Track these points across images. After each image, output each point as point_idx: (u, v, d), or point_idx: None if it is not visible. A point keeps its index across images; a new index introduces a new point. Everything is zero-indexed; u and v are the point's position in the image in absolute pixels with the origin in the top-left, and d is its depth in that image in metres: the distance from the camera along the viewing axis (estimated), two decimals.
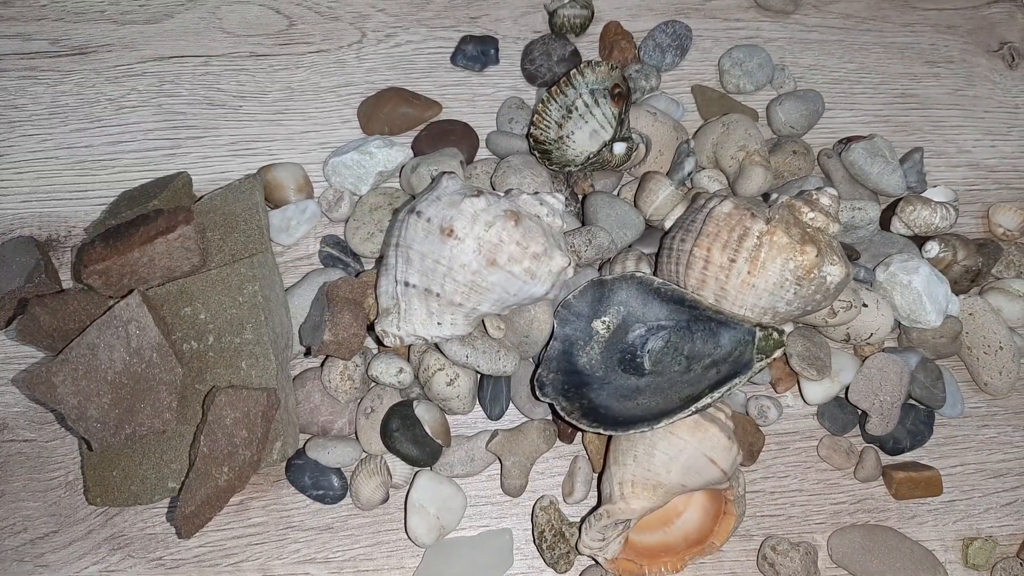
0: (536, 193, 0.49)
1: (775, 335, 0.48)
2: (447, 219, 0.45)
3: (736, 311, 0.48)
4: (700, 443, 0.46)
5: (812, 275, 0.47)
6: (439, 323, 0.47)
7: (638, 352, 0.51)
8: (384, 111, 0.58)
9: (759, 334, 0.48)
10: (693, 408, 0.45)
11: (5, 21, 0.60)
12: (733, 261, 0.47)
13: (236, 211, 0.53)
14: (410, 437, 0.49)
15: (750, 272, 0.47)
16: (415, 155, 0.57)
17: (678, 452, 0.46)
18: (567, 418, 0.47)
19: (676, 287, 0.49)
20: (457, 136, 0.58)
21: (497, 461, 0.52)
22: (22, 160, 0.57)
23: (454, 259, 0.45)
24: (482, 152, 0.59)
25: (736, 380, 0.46)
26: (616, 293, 0.51)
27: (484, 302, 0.47)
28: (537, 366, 0.50)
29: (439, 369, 0.50)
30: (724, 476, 0.47)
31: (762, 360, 0.47)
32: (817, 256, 0.46)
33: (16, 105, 0.58)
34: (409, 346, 0.52)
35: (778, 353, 0.47)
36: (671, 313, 0.50)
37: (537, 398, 0.49)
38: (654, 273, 0.52)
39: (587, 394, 0.49)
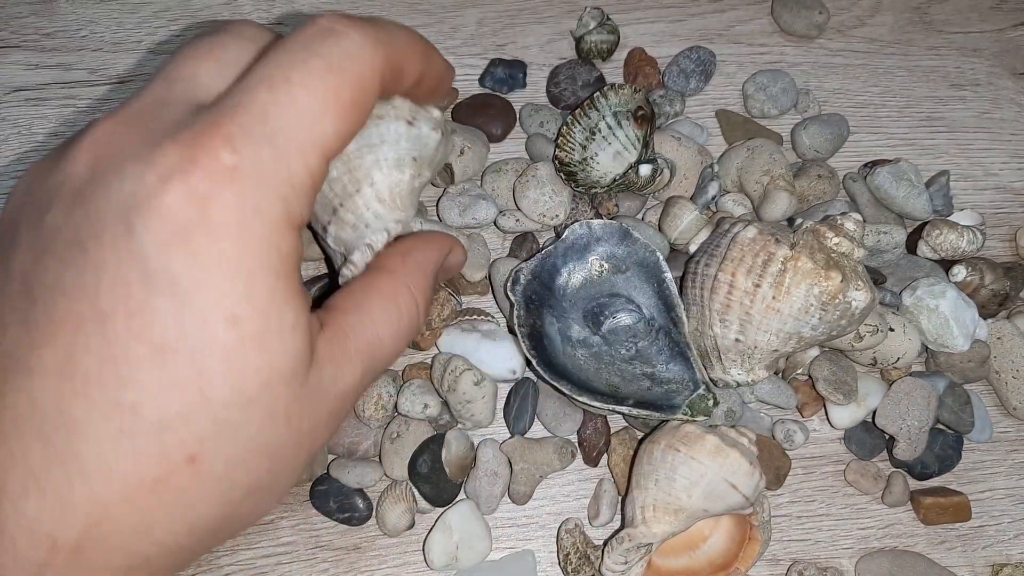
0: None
1: (709, 401, 0.49)
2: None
3: (761, 336, 0.48)
4: (721, 468, 0.47)
5: (837, 300, 0.47)
6: (366, 224, 0.41)
7: (605, 312, 0.52)
8: None
9: (700, 391, 0.49)
10: (612, 408, 0.49)
11: (47, 52, 0.62)
12: (758, 286, 0.47)
13: None
14: (433, 480, 0.51)
15: (775, 297, 0.47)
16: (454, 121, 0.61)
17: (699, 477, 0.47)
18: (516, 329, 0.50)
19: (676, 295, 0.51)
20: (495, 111, 0.60)
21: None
22: None
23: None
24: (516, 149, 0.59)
25: (656, 414, 0.48)
26: (632, 255, 0.53)
27: (370, 169, 0.41)
28: (528, 258, 0.53)
29: (466, 369, 0.51)
30: (746, 501, 0.47)
31: (686, 415, 0.49)
32: (842, 281, 0.47)
33: (56, 133, 0.60)
34: (433, 358, 0.52)
35: (700, 419, 0.48)
36: (653, 309, 0.52)
37: (505, 293, 0.52)
38: (680, 295, 0.52)
39: (544, 315, 0.51)
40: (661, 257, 0.52)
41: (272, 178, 0.26)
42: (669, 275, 0.52)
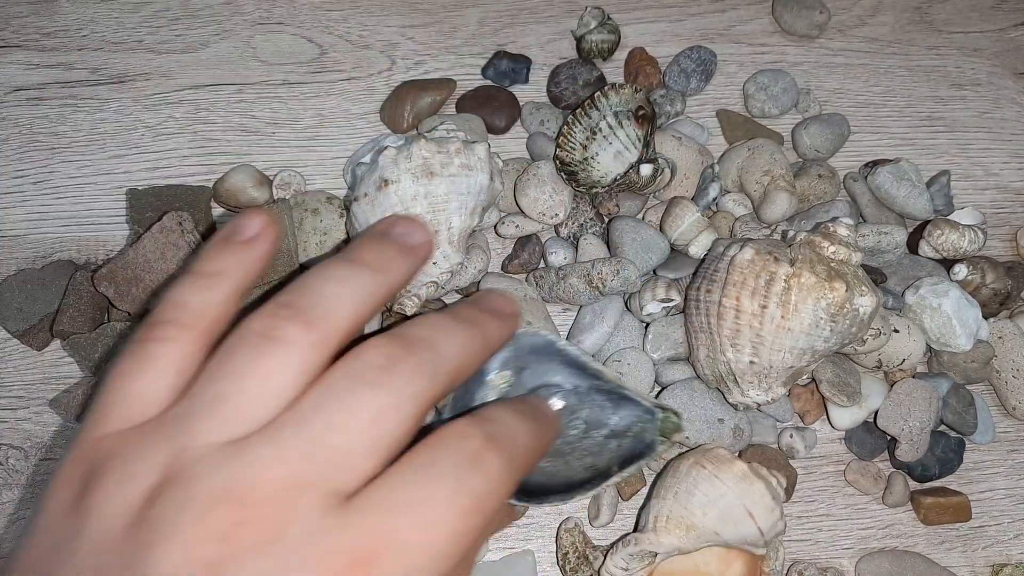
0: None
1: (673, 417, 0.45)
2: (374, 183, 0.50)
3: (775, 356, 0.48)
4: (742, 494, 0.46)
5: (845, 309, 0.47)
6: (434, 262, 0.51)
7: None
8: (406, 107, 0.60)
9: (659, 415, 0.45)
10: (603, 485, 0.44)
11: (47, 51, 0.62)
12: (764, 307, 0.47)
13: None
14: None
15: (784, 316, 0.47)
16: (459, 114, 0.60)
17: (718, 496, 0.46)
18: None
19: (578, 353, 0.46)
20: (499, 103, 0.60)
21: None
22: (62, 185, 0.59)
23: (403, 199, 0.50)
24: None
25: (642, 461, 0.44)
26: (520, 349, 0.47)
27: (452, 214, 0.51)
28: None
29: None
30: (761, 537, 0.47)
31: (664, 443, 0.46)
32: (847, 290, 0.46)
33: (57, 132, 0.60)
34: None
35: (677, 437, 0.46)
36: (571, 377, 0.47)
37: None
38: (684, 323, 0.52)
39: None
40: (545, 332, 0.47)
41: None
42: (561, 341, 0.46)
